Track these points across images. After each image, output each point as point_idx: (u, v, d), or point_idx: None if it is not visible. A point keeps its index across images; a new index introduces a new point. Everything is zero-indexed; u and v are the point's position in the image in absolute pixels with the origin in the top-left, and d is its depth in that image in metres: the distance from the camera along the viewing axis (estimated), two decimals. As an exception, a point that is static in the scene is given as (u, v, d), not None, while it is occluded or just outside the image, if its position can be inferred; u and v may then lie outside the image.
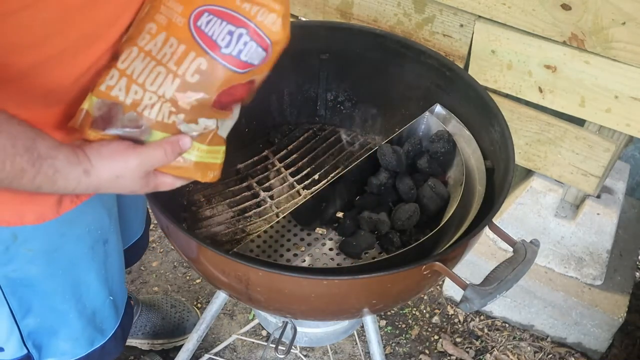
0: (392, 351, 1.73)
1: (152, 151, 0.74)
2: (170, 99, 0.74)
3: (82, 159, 0.71)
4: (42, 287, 0.99)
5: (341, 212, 1.14)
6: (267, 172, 1.22)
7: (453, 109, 1.16)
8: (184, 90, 0.73)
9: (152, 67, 0.74)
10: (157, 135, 0.75)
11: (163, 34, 0.74)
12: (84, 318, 1.08)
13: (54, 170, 0.68)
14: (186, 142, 0.76)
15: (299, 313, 1.00)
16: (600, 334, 1.65)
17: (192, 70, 0.73)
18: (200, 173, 0.79)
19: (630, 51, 1.20)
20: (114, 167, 0.73)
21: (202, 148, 0.78)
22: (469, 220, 0.98)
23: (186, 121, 0.75)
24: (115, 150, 0.73)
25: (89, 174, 0.71)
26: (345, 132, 1.32)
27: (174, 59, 0.73)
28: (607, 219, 1.54)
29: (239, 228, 1.11)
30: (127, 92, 0.74)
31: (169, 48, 0.74)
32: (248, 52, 0.74)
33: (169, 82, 0.73)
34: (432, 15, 1.43)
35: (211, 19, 0.73)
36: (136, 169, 0.74)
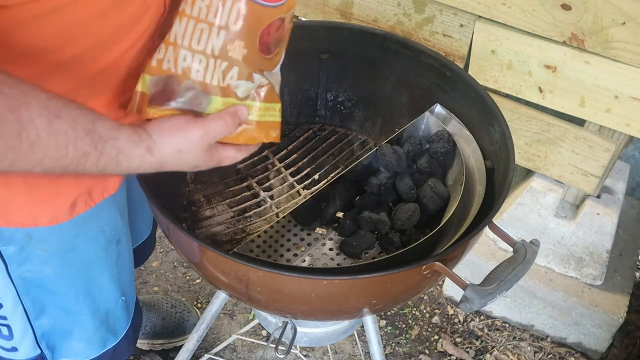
0: (392, 351, 1.73)
1: (213, 123, 0.74)
2: (220, 53, 0.73)
3: (144, 136, 0.71)
4: (56, 287, 0.99)
5: (341, 212, 1.13)
6: (267, 172, 1.22)
7: (453, 109, 1.16)
8: (231, 40, 0.73)
9: (193, 27, 0.73)
10: (216, 101, 0.75)
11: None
12: (97, 319, 1.08)
13: (117, 151, 0.68)
14: (244, 111, 0.76)
15: (299, 313, 1.00)
16: (600, 334, 1.65)
17: (233, 17, 0.72)
18: (263, 133, 0.79)
19: (630, 51, 1.20)
20: (177, 142, 0.72)
21: (258, 106, 0.77)
22: (469, 220, 0.98)
23: (240, 77, 0.74)
24: (176, 125, 0.73)
25: (152, 151, 0.71)
26: (345, 132, 1.32)
27: (212, 12, 0.72)
28: (607, 219, 1.54)
29: (239, 228, 1.11)
30: (176, 61, 0.74)
31: (202, 2, 0.73)
32: None
33: (214, 36, 0.73)
34: (432, 15, 1.43)
35: None
36: (199, 142, 0.73)
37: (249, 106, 0.77)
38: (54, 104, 0.63)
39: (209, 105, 0.75)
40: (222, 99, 0.75)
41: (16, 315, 1.00)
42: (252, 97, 0.77)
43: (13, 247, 0.91)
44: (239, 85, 0.75)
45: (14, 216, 0.88)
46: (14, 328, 1.01)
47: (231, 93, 0.75)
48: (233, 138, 0.78)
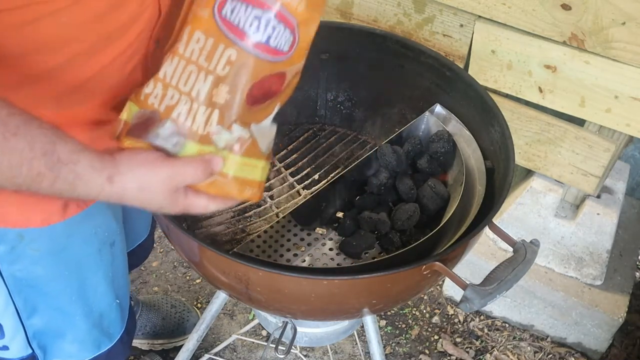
0: (392, 351, 1.73)
1: (182, 167, 0.70)
2: (205, 99, 0.70)
3: (108, 165, 0.68)
4: (48, 287, 0.99)
5: (341, 212, 1.14)
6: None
7: (453, 109, 1.16)
8: (216, 85, 0.70)
9: (183, 67, 0.71)
10: (191, 146, 0.71)
11: (188, 28, 0.72)
12: (90, 321, 1.08)
13: (74, 176, 0.65)
14: (218, 162, 0.72)
15: (299, 313, 1.00)
16: (600, 334, 1.66)
17: (222, 63, 0.70)
18: (237, 189, 0.74)
19: (630, 51, 1.20)
20: (141, 178, 0.69)
21: (235, 159, 0.73)
22: (469, 220, 0.98)
23: (220, 124, 0.71)
24: (145, 159, 0.69)
25: (113, 181, 0.68)
26: (345, 132, 1.32)
27: (204, 55, 0.70)
28: (607, 219, 1.54)
29: (239, 228, 1.11)
30: (162, 99, 0.72)
31: (196, 44, 0.71)
32: (277, 36, 0.70)
33: (201, 80, 0.70)
34: (432, 15, 1.43)
35: (235, 5, 0.69)
36: (163, 183, 0.70)
37: (226, 158, 0.72)
38: (14, 120, 0.61)
39: (183, 149, 0.71)
40: (198, 146, 0.71)
41: (7, 314, 0.99)
42: (231, 149, 0.73)
43: (4, 247, 0.90)
44: (218, 131, 0.71)
45: (6, 216, 0.87)
46: (5, 327, 1.01)
47: (210, 141, 0.71)
48: (203, 187, 0.73)
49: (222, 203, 0.75)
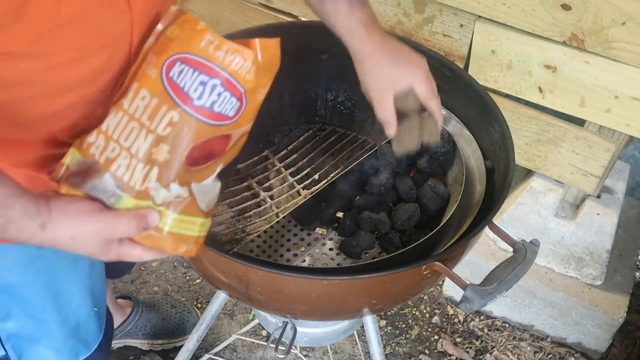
0: (392, 351, 1.73)
1: (116, 220, 0.70)
2: (144, 157, 0.70)
3: (43, 212, 0.68)
4: (21, 294, 0.98)
5: (341, 212, 1.14)
6: (267, 172, 1.22)
7: (453, 109, 1.16)
8: (157, 144, 0.70)
9: (126, 123, 0.71)
10: (127, 201, 0.71)
11: (135, 85, 0.72)
12: (65, 329, 1.07)
13: (6, 220, 0.66)
14: (154, 218, 0.71)
15: (299, 313, 1.01)
16: (600, 334, 1.66)
17: (164, 124, 0.69)
18: (171, 244, 0.73)
19: (630, 51, 1.20)
20: (73, 227, 0.69)
21: (172, 216, 0.72)
22: (469, 220, 0.98)
23: (158, 181, 0.71)
24: (79, 209, 0.70)
25: (45, 228, 0.68)
26: (345, 132, 1.32)
27: (147, 113, 0.70)
28: (607, 219, 1.54)
29: (239, 228, 1.11)
30: (103, 151, 0.71)
31: (141, 101, 0.71)
32: (222, 103, 0.70)
33: (142, 137, 0.70)
34: (432, 15, 1.43)
35: (183, 68, 0.69)
36: (94, 234, 0.70)
37: (162, 214, 0.72)
38: None
39: (118, 202, 0.71)
40: (135, 201, 0.71)
41: None
42: (168, 206, 0.72)
43: None
44: (156, 188, 0.71)
45: None
46: None
47: (147, 196, 0.71)
48: (138, 239, 0.72)
49: (157, 254, 0.75)
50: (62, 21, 0.66)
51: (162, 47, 0.71)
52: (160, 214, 0.72)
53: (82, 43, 0.71)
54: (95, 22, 0.70)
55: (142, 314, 1.64)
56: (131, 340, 1.65)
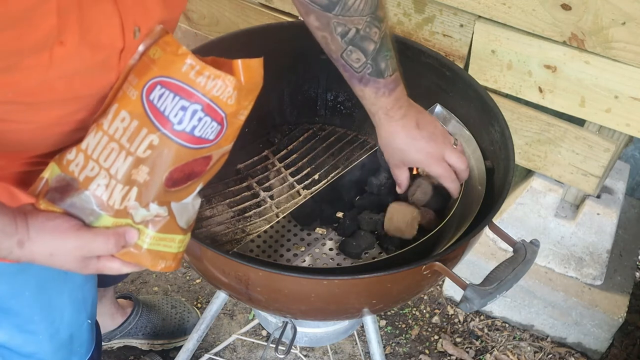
0: (392, 351, 1.73)
1: (94, 238, 0.70)
2: (124, 178, 0.70)
3: (21, 229, 0.68)
4: (8, 305, 0.97)
5: (341, 212, 1.14)
6: (267, 172, 1.22)
7: (453, 109, 1.16)
8: (136, 166, 0.70)
9: (105, 143, 0.71)
10: (105, 219, 0.71)
11: (115, 106, 0.72)
12: (55, 342, 1.06)
13: None
14: (132, 236, 0.72)
15: (299, 313, 1.01)
16: (600, 334, 1.66)
17: (144, 147, 0.69)
18: (150, 261, 0.74)
19: (630, 51, 1.20)
20: (50, 244, 0.70)
21: (151, 234, 0.73)
22: (469, 220, 0.98)
23: (137, 201, 0.71)
24: (57, 227, 0.70)
25: (23, 246, 0.68)
26: (345, 132, 1.32)
27: (126, 135, 0.70)
28: (607, 219, 1.54)
29: (239, 228, 1.11)
30: (82, 169, 0.71)
31: (120, 123, 0.70)
32: (202, 127, 0.70)
33: (121, 159, 0.70)
34: (432, 15, 1.43)
35: (164, 92, 0.69)
36: (72, 251, 0.70)
37: (141, 232, 0.73)
38: None
39: (97, 221, 0.71)
40: (114, 219, 0.72)
41: None
42: (147, 224, 0.73)
43: None
44: (136, 207, 0.71)
45: None
46: None
47: (127, 215, 0.72)
48: (118, 255, 0.74)
49: (136, 267, 0.76)
50: (50, 77, 0.66)
51: (144, 69, 0.71)
52: (139, 232, 0.72)
53: (70, 94, 0.71)
54: (84, 79, 0.70)
55: (142, 314, 1.64)
56: (131, 340, 1.65)
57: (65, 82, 0.69)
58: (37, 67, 0.64)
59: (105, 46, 0.69)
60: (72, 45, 0.65)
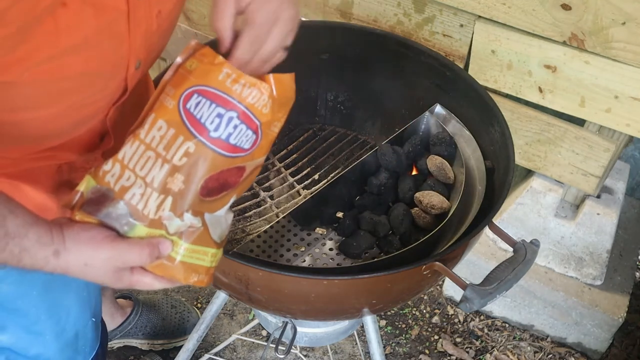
0: (392, 351, 1.73)
1: (128, 248, 0.70)
2: (159, 186, 0.71)
3: (57, 240, 0.69)
4: (15, 306, 0.98)
5: (341, 212, 1.14)
6: (267, 172, 1.22)
7: (453, 109, 1.16)
8: (172, 174, 0.71)
9: (142, 152, 0.72)
10: (140, 229, 0.72)
11: (152, 116, 0.72)
12: (61, 341, 1.06)
13: (20, 249, 0.66)
14: (166, 247, 0.72)
15: (299, 313, 1.01)
16: (600, 334, 1.66)
17: (180, 154, 0.70)
18: (182, 274, 0.74)
19: (630, 51, 1.20)
20: (85, 254, 0.70)
21: (184, 246, 0.73)
22: (469, 220, 0.98)
23: (172, 211, 0.72)
24: (91, 238, 0.70)
25: (59, 256, 0.69)
26: (345, 132, 1.32)
27: (163, 143, 0.71)
28: (607, 219, 1.54)
29: (239, 228, 1.11)
30: (118, 179, 0.72)
31: (157, 131, 0.71)
32: (237, 135, 0.71)
33: (157, 167, 0.71)
34: (432, 15, 1.43)
35: (200, 100, 0.70)
36: (106, 262, 0.71)
37: (175, 243, 0.73)
38: None
39: (131, 231, 0.72)
40: (148, 229, 0.72)
41: None
42: (180, 236, 0.73)
43: None
44: (170, 217, 0.72)
45: None
46: None
47: (161, 225, 0.72)
48: (150, 267, 0.74)
49: (168, 283, 0.76)
50: (61, 50, 0.66)
51: (181, 80, 0.72)
52: (173, 243, 0.72)
53: (80, 71, 0.71)
54: (94, 51, 0.70)
55: (142, 314, 1.64)
56: (131, 340, 1.65)
57: (75, 56, 0.69)
58: (44, 35, 0.64)
59: (108, 7, 0.69)
60: (74, 5, 0.64)
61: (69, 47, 0.67)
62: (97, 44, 0.70)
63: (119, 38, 0.72)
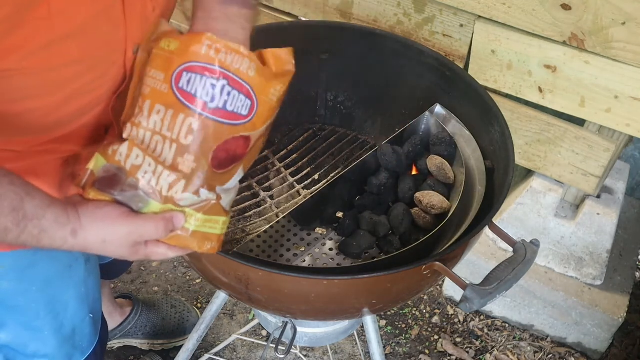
0: (392, 351, 1.73)
1: (144, 223, 0.73)
2: (170, 165, 0.73)
3: (73, 219, 0.70)
4: (15, 302, 0.98)
5: (341, 212, 1.14)
6: (267, 172, 1.22)
7: (453, 109, 1.16)
8: (181, 154, 0.73)
9: (150, 138, 0.74)
10: (154, 205, 0.74)
11: (148, 102, 0.74)
12: (60, 336, 1.06)
13: (39, 230, 0.68)
14: (179, 220, 0.75)
15: (299, 313, 1.01)
16: (600, 334, 1.66)
17: (184, 132, 0.73)
18: (197, 243, 0.77)
19: (630, 51, 1.20)
20: (103, 232, 0.72)
21: (198, 217, 0.76)
22: (469, 220, 0.98)
23: (185, 190, 0.74)
24: (107, 216, 0.72)
25: (77, 235, 0.71)
26: (345, 132, 1.32)
27: (166, 125, 0.73)
28: (607, 219, 1.54)
29: (239, 228, 1.11)
30: (127, 157, 0.74)
31: (157, 115, 0.73)
32: (232, 101, 0.74)
33: (167, 148, 0.73)
34: (432, 15, 1.43)
35: (190, 77, 0.72)
36: (124, 238, 0.73)
37: (189, 215, 0.76)
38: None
39: (146, 207, 0.74)
40: (161, 205, 0.74)
41: None
42: (194, 208, 0.76)
43: None
44: (183, 198, 0.74)
45: None
46: None
47: (175, 202, 0.75)
48: (165, 239, 0.77)
49: (181, 251, 0.78)
50: (57, 36, 0.67)
51: (164, 62, 0.74)
52: (187, 215, 0.75)
53: (78, 57, 0.72)
54: (91, 36, 0.71)
55: (142, 314, 1.64)
56: (131, 340, 1.65)
57: (73, 42, 0.69)
58: (38, 21, 0.64)
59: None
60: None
61: (65, 33, 0.67)
62: (93, 29, 0.71)
63: (115, 22, 0.74)
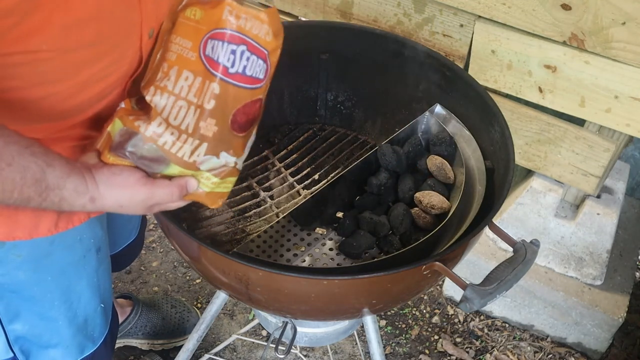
0: (392, 351, 1.73)
1: (160, 190, 0.77)
2: (193, 131, 0.76)
3: (91, 187, 0.74)
4: (31, 292, 0.99)
5: (341, 212, 1.14)
6: (267, 172, 1.22)
7: (453, 109, 1.16)
8: (204, 118, 0.76)
9: (173, 103, 0.76)
10: (174, 168, 0.77)
11: (175, 68, 0.77)
12: (74, 326, 1.08)
13: (59, 198, 0.71)
14: (193, 184, 0.79)
15: (299, 313, 1.00)
16: (600, 334, 1.66)
17: (208, 97, 0.76)
18: (210, 201, 0.83)
19: (630, 51, 1.20)
20: (121, 198, 0.76)
21: (214, 180, 0.80)
22: (469, 220, 0.98)
23: (207, 153, 0.77)
24: (125, 183, 0.76)
25: (95, 201, 0.75)
26: (345, 132, 1.32)
27: (192, 91, 0.76)
28: (607, 219, 1.54)
29: (239, 228, 1.11)
30: (148, 125, 0.76)
31: (185, 81, 0.76)
32: (251, 66, 0.77)
33: (190, 114, 0.76)
34: (432, 15, 1.43)
35: (214, 43, 0.75)
36: (140, 204, 0.78)
37: (206, 178, 0.80)
38: (8, 151, 0.66)
39: (166, 170, 0.78)
40: (180, 169, 0.78)
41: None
42: (212, 172, 0.80)
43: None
44: (205, 160, 0.78)
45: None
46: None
47: (195, 167, 0.78)
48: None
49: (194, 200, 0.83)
50: (75, 19, 0.69)
51: (191, 31, 0.77)
52: (204, 177, 0.79)
53: (95, 40, 0.73)
54: (108, 19, 0.73)
55: (142, 314, 1.64)
56: (131, 340, 1.65)
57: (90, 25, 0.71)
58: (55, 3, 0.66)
59: None
60: None
61: (81, 16, 0.69)
62: (109, 12, 0.73)
63: (130, 6, 0.76)
